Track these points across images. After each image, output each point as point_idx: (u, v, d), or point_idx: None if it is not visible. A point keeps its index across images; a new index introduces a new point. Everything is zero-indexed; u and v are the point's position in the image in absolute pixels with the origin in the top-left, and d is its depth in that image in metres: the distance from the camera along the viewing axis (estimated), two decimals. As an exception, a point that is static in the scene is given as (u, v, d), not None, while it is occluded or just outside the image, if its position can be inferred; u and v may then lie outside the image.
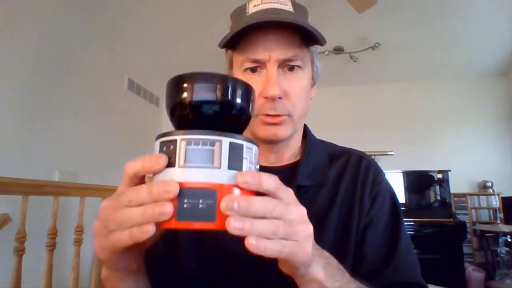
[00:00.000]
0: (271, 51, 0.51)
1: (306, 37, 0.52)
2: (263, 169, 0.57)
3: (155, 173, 0.29)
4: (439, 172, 3.37)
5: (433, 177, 3.40)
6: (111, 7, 2.45)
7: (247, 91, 0.32)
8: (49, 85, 2.36)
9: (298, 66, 0.53)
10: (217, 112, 0.30)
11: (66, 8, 2.39)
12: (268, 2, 0.53)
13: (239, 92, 0.31)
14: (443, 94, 3.64)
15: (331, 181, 0.58)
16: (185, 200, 0.27)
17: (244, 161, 0.29)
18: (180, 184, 0.27)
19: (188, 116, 0.31)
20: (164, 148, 0.29)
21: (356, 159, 0.61)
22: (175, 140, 0.28)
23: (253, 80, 0.52)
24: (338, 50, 3.07)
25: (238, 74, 0.56)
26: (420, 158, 3.52)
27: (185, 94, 0.30)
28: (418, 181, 3.41)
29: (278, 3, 0.53)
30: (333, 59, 3.22)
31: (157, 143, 0.30)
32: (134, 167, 0.32)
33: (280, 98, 0.52)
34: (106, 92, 3.05)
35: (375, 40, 2.89)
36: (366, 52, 3.03)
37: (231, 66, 0.58)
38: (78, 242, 1.66)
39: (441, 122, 3.59)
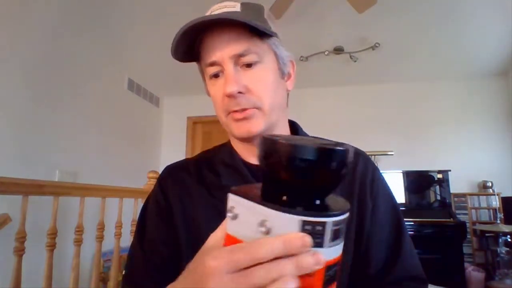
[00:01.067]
0: (221, 50, 0.52)
1: (256, 31, 0.52)
2: (258, 167, 0.56)
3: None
4: (439, 172, 3.37)
5: (433, 177, 3.39)
6: (112, 7, 2.45)
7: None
8: (49, 85, 2.36)
9: (256, 62, 0.53)
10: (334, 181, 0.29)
11: (66, 8, 2.39)
12: (216, 10, 0.55)
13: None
14: (443, 94, 3.64)
15: None
16: (326, 274, 0.27)
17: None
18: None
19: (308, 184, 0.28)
20: (309, 228, 0.26)
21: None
22: (325, 223, 0.26)
23: (217, 85, 0.54)
24: (338, 50, 3.07)
25: (207, 82, 0.57)
26: (420, 158, 3.52)
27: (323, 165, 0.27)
28: (418, 181, 3.41)
29: (225, 7, 0.55)
30: (333, 59, 3.22)
31: (296, 220, 0.26)
32: (273, 250, 0.26)
33: (241, 93, 0.52)
34: (106, 92, 3.06)
35: (375, 40, 2.89)
36: (366, 52, 3.03)
37: (203, 77, 0.60)
38: (78, 242, 1.66)
39: (441, 122, 3.59)
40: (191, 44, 0.55)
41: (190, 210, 0.58)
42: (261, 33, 0.53)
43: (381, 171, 0.64)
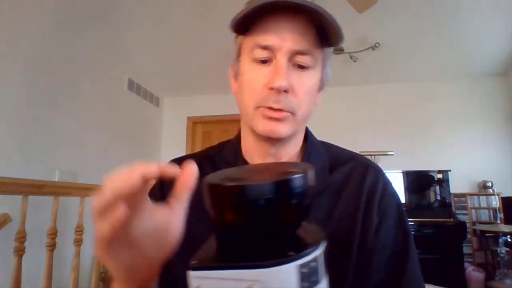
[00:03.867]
0: (284, 39, 0.47)
1: (322, 34, 0.48)
2: None
3: None
4: (439, 172, 3.37)
5: (433, 177, 3.40)
6: (112, 7, 2.45)
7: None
8: (49, 85, 2.36)
9: (309, 66, 0.49)
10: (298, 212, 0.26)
11: (66, 8, 2.39)
12: None
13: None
14: (443, 94, 3.64)
15: (332, 190, 0.54)
16: None
17: None
18: None
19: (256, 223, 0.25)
20: (305, 270, 0.23)
21: (362, 167, 0.56)
22: (317, 256, 0.24)
23: (260, 71, 0.49)
24: (338, 50, 3.07)
25: (245, 63, 0.52)
26: (420, 158, 3.52)
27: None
28: (418, 181, 3.41)
29: None
30: (333, 59, 3.19)
31: (293, 268, 0.22)
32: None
33: (286, 91, 0.48)
34: (106, 92, 3.05)
35: (375, 40, 2.89)
36: (366, 52, 3.03)
37: (239, 54, 0.54)
38: (78, 242, 1.66)
39: (441, 122, 3.58)
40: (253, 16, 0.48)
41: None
42: (324, 39, 0.49)
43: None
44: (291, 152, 0.57)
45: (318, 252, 0.24)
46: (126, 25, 2.70)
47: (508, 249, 2.93)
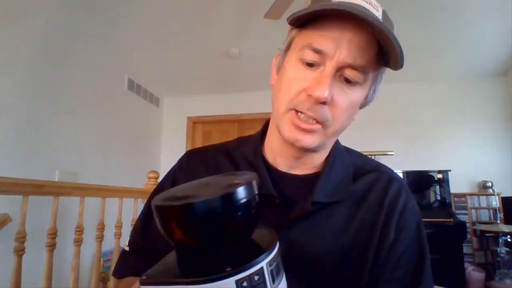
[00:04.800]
0: (339, 48, 0.44)
1: (382, 54, 0.45)
2: (283, 175, 0.54)
3: None
4: (439, 172, 3.37)
5: (433, 177, 3.40)
6: (112, 7, 2.45)
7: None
8: (49, 85, 2.36)
9: (357, 83, 0.46)
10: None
11: (66, 8, 2.39)
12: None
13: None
14: (443, 94, 3.64)
15: (353, 199, 0.52)
16: None
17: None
18: None
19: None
20: (247, 284, 0.23)
21: (386, 180, 0.54)
22: (261, 268, 0.23)
23: (304, 73, 0.46)
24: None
25: (292, 59, 0.49)
26: (420, 158, 3.52)
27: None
28: (418, 181, 3.41)
29: (369, 3, 0.45)
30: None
31: (230, 283, 0.22)
32: None
33: (325, 103, 0.45)
34: (106, 92, 3.05)
35: (375, 40, 2.89)
36: (366, 52, 3.03)
37: (288, 47, 0.51)
38: (78, 242, 1.66)
39: (441, 122, 3.59)
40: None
41: None
42: (382, 59, 0.46)
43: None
44: (315, 161, 0.55)
45: (263, 264, 0.23)
46: (126, 25, 2.70)
47: (508, 249, 2.93)
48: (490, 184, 3.31)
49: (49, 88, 2.36)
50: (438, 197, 3.36)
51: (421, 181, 3.42)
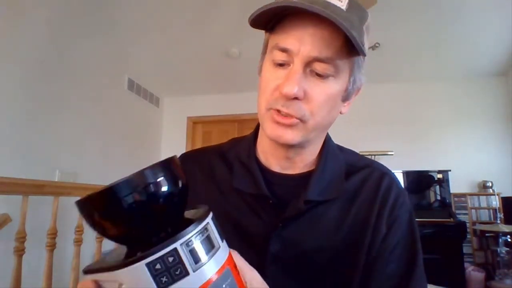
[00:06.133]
0: (303, 44, 0.44)
1: (351, 43, 0.44)
2: (276, 175, 0.55)
3: None
4: (439, 172, 3.37)
5: (433, 177, 3.40)
6: (112, 7, 2.45)
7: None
8: (49, 85, 2.36)
9: (329, 75, 0.46)
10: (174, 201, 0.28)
11: (66, 8, 2.39)
12: None
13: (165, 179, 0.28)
14: (443, 94, 3.64)
15: (346, 196, 0.53)
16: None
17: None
18: (204, 286, 0.25)
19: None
20: (161, 266, 0.23)
21: (377, 175, 0.55)
22: (175, 249, 0.24)
23: (276, 74, 0.48)
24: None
25: (266, 62, 0.51)
26: (420, 158, 3.52)
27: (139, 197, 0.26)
28: (418, 181, 3.41)
29: None
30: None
31: (143, 267, 0.23)
32: None
33: (297, 98, 0.46)
34: (106, 92, 3.06)
35: (375, 40, 2.89)
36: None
37: (264, 51, 0.53)
38: (78, 242, 1.66)
39: (441, 122, 3.59)
40: (274, 15, 0.46)
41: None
42: (353, 47, 0.44)
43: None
44: (306, 159, 0.55)
45: (176, 245, 0.24)
46: (126, 25, 2.70)
47: (508, 249, 2.93)
48: (490, 184, 3.31)
49: (49, 88, 2.36)
50: (438, 197, 3.36)
51: (421, 181, 3.42)
